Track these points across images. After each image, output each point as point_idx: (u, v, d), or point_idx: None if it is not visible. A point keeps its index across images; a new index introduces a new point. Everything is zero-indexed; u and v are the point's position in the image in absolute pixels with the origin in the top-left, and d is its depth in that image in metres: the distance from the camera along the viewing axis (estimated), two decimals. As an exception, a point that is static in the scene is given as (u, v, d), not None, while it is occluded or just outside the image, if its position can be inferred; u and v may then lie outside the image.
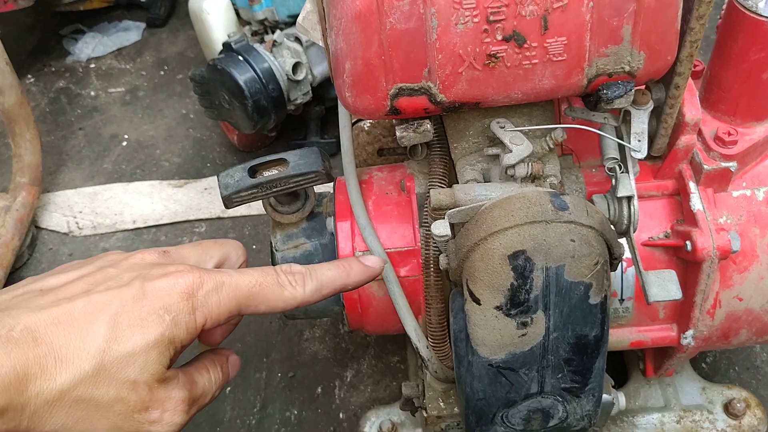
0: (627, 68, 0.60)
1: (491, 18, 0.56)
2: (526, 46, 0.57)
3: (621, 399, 0.81)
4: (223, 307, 0.53)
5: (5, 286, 1.20)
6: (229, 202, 0.72)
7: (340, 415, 1.05)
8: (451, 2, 0.55)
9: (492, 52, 0.58)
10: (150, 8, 1.90)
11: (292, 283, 0.58)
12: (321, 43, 0.66)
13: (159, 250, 0.59)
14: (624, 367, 1.01)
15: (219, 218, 1.35)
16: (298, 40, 1.27)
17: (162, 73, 1.76)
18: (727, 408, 0.94)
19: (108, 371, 0.48)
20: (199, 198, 1.39)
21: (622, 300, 0.78)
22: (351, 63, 0.59)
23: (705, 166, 0.72)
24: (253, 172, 0.73)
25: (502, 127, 0.65)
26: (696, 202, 0.72)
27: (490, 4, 0.55)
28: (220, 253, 0.62)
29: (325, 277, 0.60)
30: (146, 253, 0.58)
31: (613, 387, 0.80)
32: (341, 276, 0.62)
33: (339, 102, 0.74)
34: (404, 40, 0.57)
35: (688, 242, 0.71)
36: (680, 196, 0.75)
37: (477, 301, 0.58)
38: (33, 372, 0.46)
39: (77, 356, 0.48)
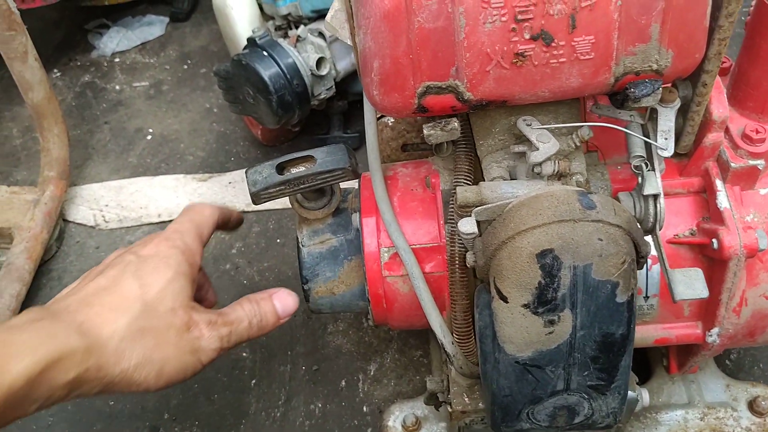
0: (655, 66, 0.60)
1: (519, 17, 0.56)
2: (553, 44, 0.58)
3: (645, 395, 0.81)
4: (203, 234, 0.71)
5: (34, 277, 1.23)
6: (257, 198, 0.73)
7: (364, 409, 1.06)
8: (479, 1, 0.56)
9: (519, 51, 0.58)
10: (173, 2, 1.92)
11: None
12: (349, 42, 0.67)
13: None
14: (647, 363, 1.00)
15: (243, 212, 1.36)
16: (321, 35, 1.28)
17: (185, 67, 1.77)
18: (752, 406, 0.94)
19: (153, 306, 0.61)
20: (224, 192, 1.40)
21: (647, 297, 0.78)
22: (379, 62, 0.60)
23: (732, 164, 0.72)
24: (280, 169, 0.74)
25: (528, 125, 0.66)
26: (723, 200, 0.72)
27: (518, 3, 0.56)
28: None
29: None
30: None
31: (637, 384, 0.80)
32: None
33: (364, 98, 0.75)
34: (432, 38, 0.58)
35: (714, 240, 0.71)
36: (706, 193, 0.75)
37: (504, 299, 0.59)
38: (97, 323, 0.58)
39: (126, 304, 0.61)
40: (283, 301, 0.72)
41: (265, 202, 0.74)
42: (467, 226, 0.63)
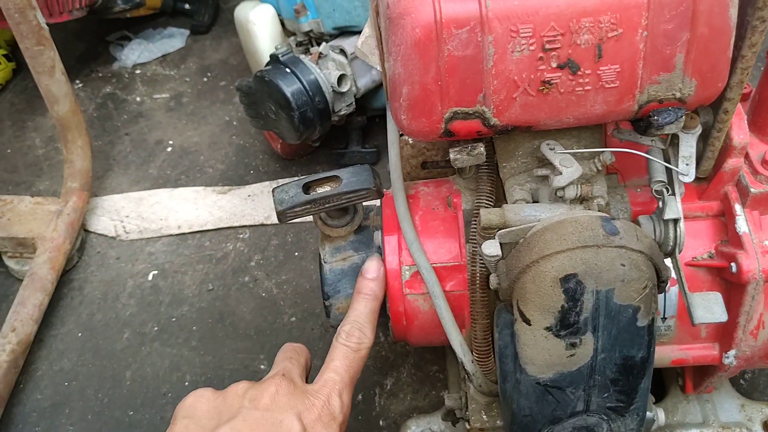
0: (678, 95, 0.61)
1: (547, 46, 0.58)
2: (579, 73, 0.59)
3: (660, 415, 0.82)
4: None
5: (56, 287, 1.25)
6: (283, 217, 0.75)
7: (380, 423, 1.07)
8: (508, 31, 0.57)
9: (546, 79, 0.59)
10: (194, 15, 1.94)
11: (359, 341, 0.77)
12: (379, 68, 0.68)
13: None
14: (662, 382, 1.01)
15: (262, 225, 1.38)
16: (343, 52, 1.30)
17: (205, 79, 1.79)
18: (767, 426, 0.94)
19: None
20: (243, 205, 1.42)
21: (664, 318, 0.79)
22: (408, 88, 0.61)
23: (752, 190, 0.73)
24: (306, 188, 0.75)
25: (551, 149, 0.67)
26: (742, 225, 0.73)
27: (546, 33, 0.57)
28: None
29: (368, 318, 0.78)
30: None
31: (653, 403, 0.81)
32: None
33: (387, 119, 0.77)
34: (461, 66, 0.59)
35: (733, 264, 0.72)
36: (725, 217, 0.76)
37: (527, 322, 0.60)
38: None
39: None
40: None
41: (290, 220, 0.76)
42: (491, 248, 0.64)
